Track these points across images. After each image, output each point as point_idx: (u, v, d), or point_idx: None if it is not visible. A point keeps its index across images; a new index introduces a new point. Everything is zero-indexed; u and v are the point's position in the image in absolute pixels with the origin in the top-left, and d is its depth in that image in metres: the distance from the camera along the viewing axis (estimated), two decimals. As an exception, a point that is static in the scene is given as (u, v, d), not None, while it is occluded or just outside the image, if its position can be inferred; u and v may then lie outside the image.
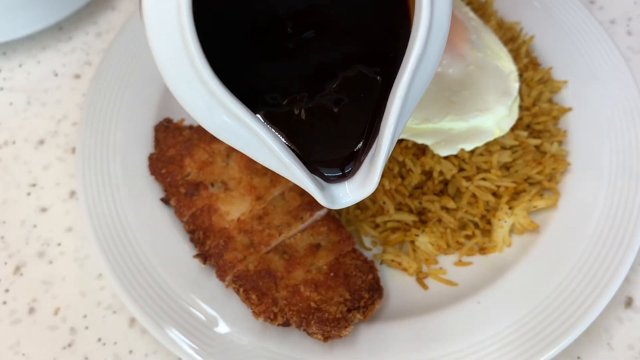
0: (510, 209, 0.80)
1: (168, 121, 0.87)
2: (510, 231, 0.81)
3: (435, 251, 0.80)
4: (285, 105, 0.51)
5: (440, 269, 0.79)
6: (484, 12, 0.95)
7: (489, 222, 0.81)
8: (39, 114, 0.96)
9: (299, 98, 0.52)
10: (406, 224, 0.81)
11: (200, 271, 0.76)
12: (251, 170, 0.80)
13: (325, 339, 0.69)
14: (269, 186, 0.79)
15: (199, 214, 0.78)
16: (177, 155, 0.82)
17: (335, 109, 0.52)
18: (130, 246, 0.77)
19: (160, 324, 0.72)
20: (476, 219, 0.80)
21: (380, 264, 0.80)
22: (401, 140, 0.81)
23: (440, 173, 0.80)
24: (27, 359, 0.77)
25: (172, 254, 0.77)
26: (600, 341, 0.76)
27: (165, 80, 0.46)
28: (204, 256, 0.75)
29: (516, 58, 0.90)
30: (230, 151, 0.82)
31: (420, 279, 0.79)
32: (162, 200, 0.81)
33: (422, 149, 0.81)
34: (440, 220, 0.80)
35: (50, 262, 0.83)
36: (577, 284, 0.73)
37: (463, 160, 0.81)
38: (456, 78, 0.82)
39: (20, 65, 1.01)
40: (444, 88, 0.81)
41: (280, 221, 0.77)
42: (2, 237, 0.85)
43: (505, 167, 0.82)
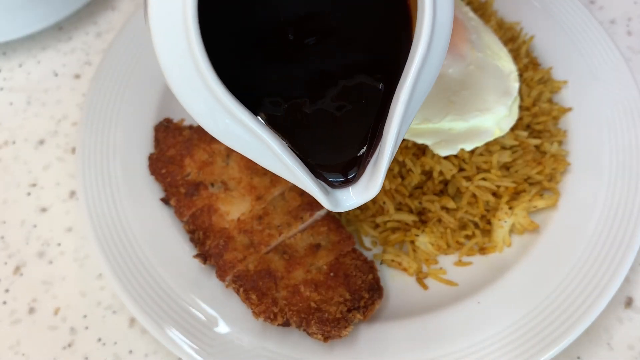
0: (510, 209, 0.80)
1: (168, 121, 0.87)
2: (510, 231, 0.81)
3: (435, 251, 0.80)
4: (287, 110, 0.51)
5: (440, 269, 0.79)
6: (484, 12, 0.95)
7: (489, 222, 0.81)
8: (39, 114, 0.96)
9: (301, 103, 0.52)
10: (406, 224, 0.81)
11: (200, 271, 0.76)
12: (251, 170, 0.80)
13: (325, 339, 0.69)
14: (269, 186, 0.79)
15: (199, 214, 0.78)
16: (177, 155, 0.82)
17: (338, 114, 0.52)
18: (130, 246, 0.77)
19: (160, 324, 0.72)
20: (476, 219, 0.80)
21: (380, 264, 0.80)
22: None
23: (440, 173, 0.80)
24: (27, 359, 0.77)
25: (172, 254, 0.77)
26: (600, 341, 0.76)
27: (170, 84, 0.46)
28: (204, 256, 0.75)
29: (516, 58, 0.90)
30: (230, 151, 0.82)
31: (420, 279, 0.79)
32: (162, 200, 0.81)
33: (422, 149, 0.81)
34: (440, 220, 0.80)
35: (50, 262, 0.83)
36: (577, 284, 0.73)
37: (463, 160, 0.81)
38: (456, 78, 0.82)
39: (20, 65, 1.01)
40: (444, 88, 0.81)
41: (280, 221, 0.77)
42: (2, 237, 0.85)
43: (505, 167, 0.82)
